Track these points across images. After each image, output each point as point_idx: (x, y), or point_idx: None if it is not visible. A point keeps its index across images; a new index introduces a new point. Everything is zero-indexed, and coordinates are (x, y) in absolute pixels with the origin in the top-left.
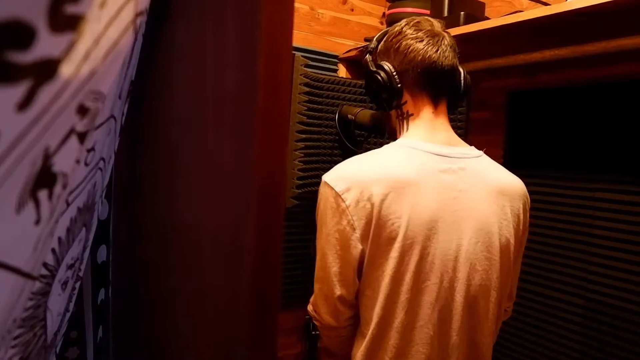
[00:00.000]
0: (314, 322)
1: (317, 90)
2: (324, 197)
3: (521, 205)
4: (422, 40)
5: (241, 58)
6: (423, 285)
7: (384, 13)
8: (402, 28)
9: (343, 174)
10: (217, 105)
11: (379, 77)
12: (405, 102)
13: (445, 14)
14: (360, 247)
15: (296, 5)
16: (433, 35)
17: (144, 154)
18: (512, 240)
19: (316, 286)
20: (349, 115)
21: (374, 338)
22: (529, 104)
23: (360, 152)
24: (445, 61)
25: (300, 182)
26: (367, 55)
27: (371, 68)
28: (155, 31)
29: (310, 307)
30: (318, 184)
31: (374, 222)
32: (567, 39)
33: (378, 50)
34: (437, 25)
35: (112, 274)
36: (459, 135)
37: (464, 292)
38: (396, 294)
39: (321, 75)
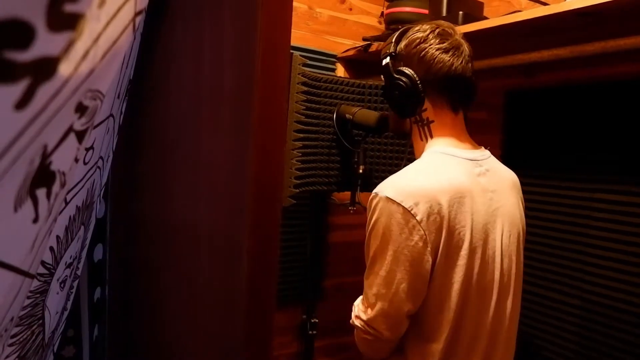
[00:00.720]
0: (364, 335)
1: (315, 90)
2: (387, 213)
3: (521, 195)
4: (448, 52)
5: (238, 57)
6: (486, 285)
7: (382, 12)
8: (427, 35)
9: (407, 188)
10: (214, 104)
11: (402, 84)
12: (426, 110)
13: (444, 13)
14: (431, 260)
15: (294, 4)
16: (457, 46)
17: (140, 153)
18: (524, 227)
19: (377, 304)
20: (347, 115)
21: (449, 344)
22: (527, 104)
23: (358, 152)
24: (469, 73)
25: (298, 181)
26: (388, 59)
27: (393, 74)
28: (153, 30)
29: (360, 322)
30: (315, 183)
31: (444, 234)
32: (565, 39)
33: (398, 54)
34: (458, 33)
35: (109, 273)
36: None
37: (507, 286)
38: (467, 298)
39: (319, 75)
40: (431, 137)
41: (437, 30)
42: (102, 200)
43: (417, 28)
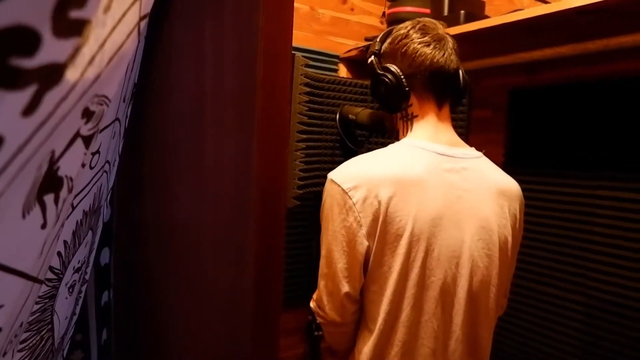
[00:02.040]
0: (317, 318)
1: (317, 90)
2: (330, 195)
3: (517, 206)
4: (429, 45)
5: (240, 59)
6: (428, 281)
7: (384, 12)
8: (408, 31)
9: (350, 172)
10: (217, 106)
11: (387, 80)
12: (411, 105)
13: (446, 12)
14: (366, 243)
15: (296, 5)
16: (439, 39)
17: (143, 156)
18: (509, 239)
19: (320, 283)
20: (350, 115)
21: (382, 333)
22: (530, 102)
23: (362, 152)
24: (451, 65)
25: (302, 182)
26: (372, 57)
27: (378, 71)
28: (154, 32)
29: (313, 304)
30: (320, 184)
31: (380, 219)
32: (567, 36)
33: (383, 52)
34: (440, 27)
35: (114, 276)
36: (460, 134)
37: (467, 288)
38: (403, 290)
39: (322, 75)
40: (410, 131)
41: (418, 26)
42: (109, 204)
43: (400, 26)
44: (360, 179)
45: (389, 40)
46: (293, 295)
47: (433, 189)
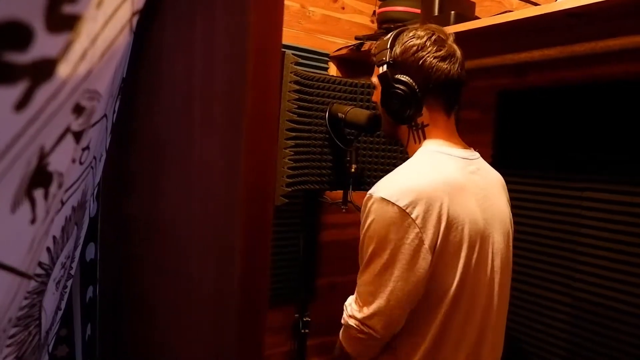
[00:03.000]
0: (358, 334)
1: (307, 89)
2: (383, 214)
3: (508, 195)
4: (445, 60)
5: (229, 55)
6: (479, 283)
7: (374, 11)
8: (424, 43)
9: (400, 187)
10: (205, 103)
11: (401, 93)
12: (421, 115)
13: (436, 13)
14: (429, 258)
15: (287, 3)
16: (453, 53)
17: (131, 152)
18: (513, 228)
19: (374, 303)
20: (339, 114)
21: (436, 338)
22: (519, 103)
23: (350, 151)
24: (463, 78)
25: (290, 180)
26: (384, 67)
27: (392, 83)
28: (144, 27)
29: (355, 322)
30: (308, 182)
31: (442, 230)
32: (556, 39)
33: (395, 62)
34: (451, 38)
35: (100, 272)
36: None
37: (499, 282)
38: (460, 295)
39: (311, 74)
40: (425, 138)
41: (434, 37)
42: (95, 199)
43: (411, 34)
44: (414, 193)
45: (400, 49)
46: (280, 293)
47: (470, 192)
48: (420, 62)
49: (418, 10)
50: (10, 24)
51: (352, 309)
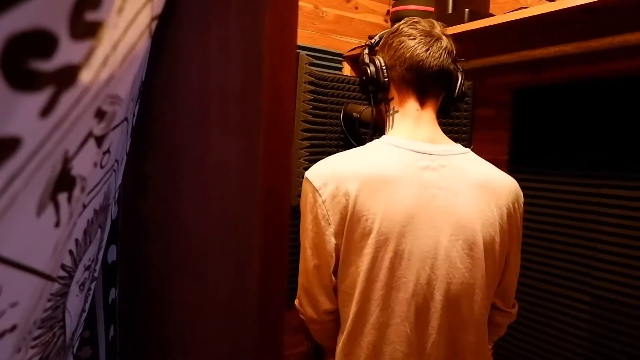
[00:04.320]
0: (300, 316)
1: (321, 89)
2: (304, 192)
3: (510, 203)
4: (415, 39)
5: (245, 57)
6: (399, 282)
7: (388, 11)
8: (400, 25)
9: (322, 169)
10: (222, 105)
11: (368, 70)
12: (392, 99)
13: (450, 10)
14: (334, 241)
15: (300, 3)
16: (427, 35)
17: (148, 154)
18: (497, 238)
19: (299, 279)
20: (354, 114)
21: (350, 335)
22: (534, 100)
23: None
24: (434, 62)
25: None
26: (365, 50)
27: (364, 61)
28: (161, 31)
29: (296, 301)
30: None
31: (348, 217)
32: (572, 34)
33: (372, 46)
34: (437, 27)
35: (119, 274)
36: (464, 132)
37: (444, 290)
38: (371, 291)
39: (326, 74)
40: (391, 127)
41: (411, 21)
42: (116, 202)
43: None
44: (329, 177)
45: (384, 36)
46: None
47: (404, 188)
48: (391, 41)
49: (432, 9)
50: (36, 32)
51: None
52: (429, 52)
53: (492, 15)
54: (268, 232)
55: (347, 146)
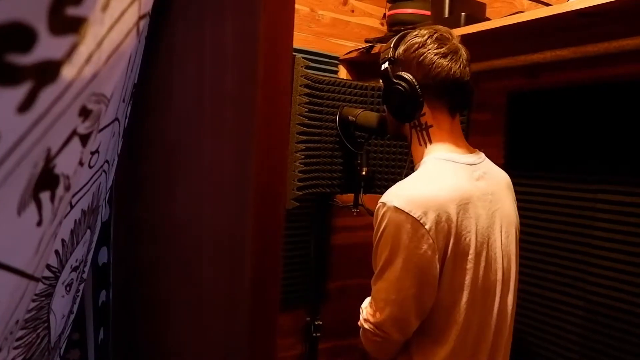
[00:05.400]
0: (376, 338)
1: (317, 92)
2: (396, 223)
3: (514, 194)
4: (446, 56)
5: (240, 59)
6: (489, 286)
7: (384, 14)
8: (425, 40)
9: (413, 197)
10: (216, 107)
11: (402, 89)
12: (424, 114)
13: (446, 14)
14: (439, 266)
15: (296, 6)
16: (455, 51)
17: (143, 155)
18: (519, 226)
19: (387, 309)
20: (350, 117)
21: (456, 344)
22: (530, 105)
23: (361, 154)
24: (466, 77)
25: (301, 183)
26: (386, 64)
27: (392, 79)
28: (154, 32)
29: (369, 326)
30: (319, 185)
31: (451, 240)
32: (568, 39)
33: (397, 59)
34: (455, 38)
35: (113, 275)
36: None
37: (501, 286)
38: (473, 300)
39: (322, 77)
40: (430, 142)
41: (435, 35)
42: (107, 203)
43: (415, 33)
44: (427, 204)
45: (403, 48)
46: (291, 296)
47: (478, 201)
48: (421, 58)
49: (428, 12)
50: (13, 25)
51: (367, 312)
52: (460, 68)
53: (488, 19)
54: (262, 235)
55: (343, 149)
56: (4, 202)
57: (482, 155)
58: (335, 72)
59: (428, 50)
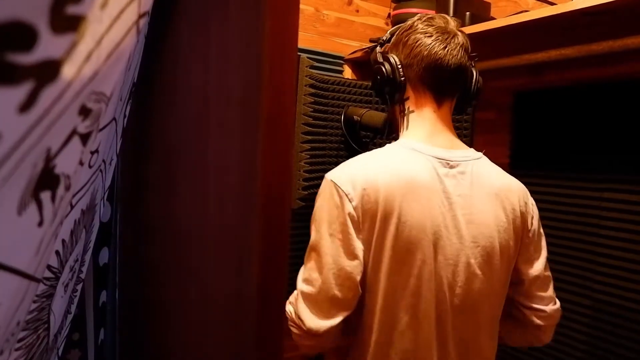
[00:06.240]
0: (291, 328)
1: (322, 92)
2: (328, 196)
3: (524, 205)
4: (431, 36)
5: (245, 59)
6: (424, 289)
7: (389, 14)
8: (414, 22)
9: (349, 173)
10: (221, 107)
11: (383, 69)
12: (408, 98)
13: (451, 14)
14: (362, 249)
15: (301, 6)
16: (444, 32)
17: (148, 156)
18: (511, 243)
19: (305, 288)
20: (355, 117)
21: (378, 344)
22: (535, 104)
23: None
24: (452, 60)
25: (306, 183)
26: (377, 47)
27: (378, 59)
28: (158, 32)
29: (290, 310)
30: None
31: (377, 224)
32: (573, 38)
33: (384, 42)
34: (452, 23)
35: (119, 276)
36: (465, 135)
37: (463, 297)
38: (399, 298)
39: (327, 77)
40: (406, 129)
41: (426, 17)
42: (108, 203)
43: (412, 18)
44: (359, 182)
45: (393, 31)
46: None
47: (428, 195)
48: (406, 38)
49: (433, 12)
50: (14, 24)
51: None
52: (446, 49)
53: (493, 18)
54: (267, 236)
55: (348, 149)
56: (4, 202)
57: (476, 155)
58: (340, 72)
59: (414, 30)
